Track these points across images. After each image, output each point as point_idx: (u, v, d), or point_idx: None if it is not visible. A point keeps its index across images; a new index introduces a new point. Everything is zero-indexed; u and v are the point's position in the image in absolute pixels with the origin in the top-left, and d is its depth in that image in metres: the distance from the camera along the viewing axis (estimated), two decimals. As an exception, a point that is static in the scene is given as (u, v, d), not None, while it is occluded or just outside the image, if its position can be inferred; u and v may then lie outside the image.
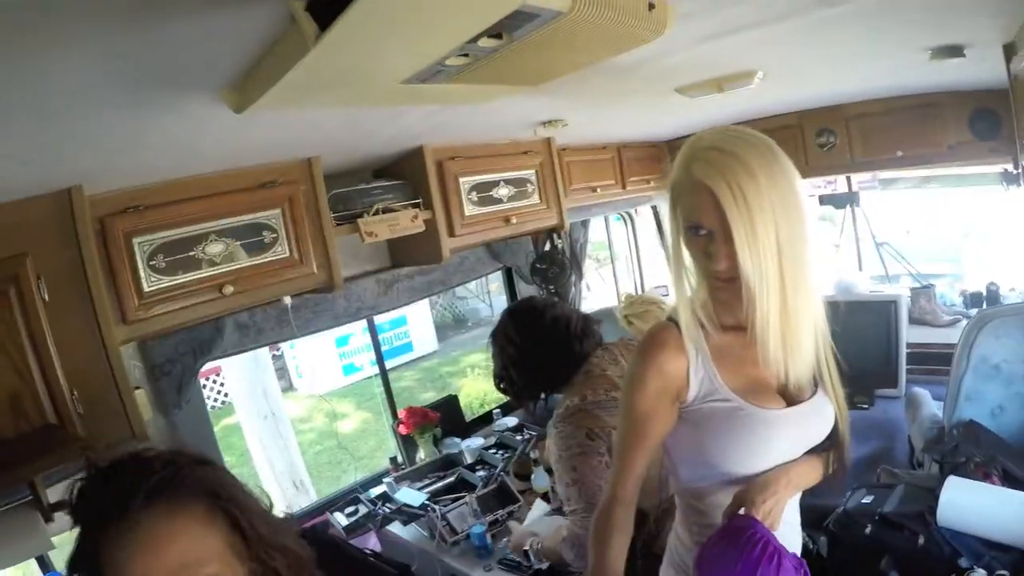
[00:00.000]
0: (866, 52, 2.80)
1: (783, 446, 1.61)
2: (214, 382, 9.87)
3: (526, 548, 2.77)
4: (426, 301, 11.69)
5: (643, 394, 1.57)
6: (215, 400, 9.92)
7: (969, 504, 2.70)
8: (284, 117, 2.04)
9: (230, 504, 1.21)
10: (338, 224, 2.76)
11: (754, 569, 1.42)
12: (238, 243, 2.46)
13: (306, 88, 1.62)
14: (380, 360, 4.15)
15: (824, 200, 5.00)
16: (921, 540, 2.72)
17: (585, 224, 4.81)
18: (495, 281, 10.33)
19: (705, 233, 1.44)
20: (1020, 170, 3.49)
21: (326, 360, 10.31)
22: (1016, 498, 2.65)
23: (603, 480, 2.25)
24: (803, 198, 1.46)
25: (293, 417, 8.47)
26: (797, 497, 1.75)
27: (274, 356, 9.65)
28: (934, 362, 4.27)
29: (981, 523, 2.65)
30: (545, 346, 2.54)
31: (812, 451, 1.69)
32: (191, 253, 2.35)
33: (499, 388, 2.70)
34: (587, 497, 2.29)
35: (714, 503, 1.66)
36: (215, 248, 2.40)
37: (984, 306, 4.76)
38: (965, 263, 6.30)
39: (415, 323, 11.63)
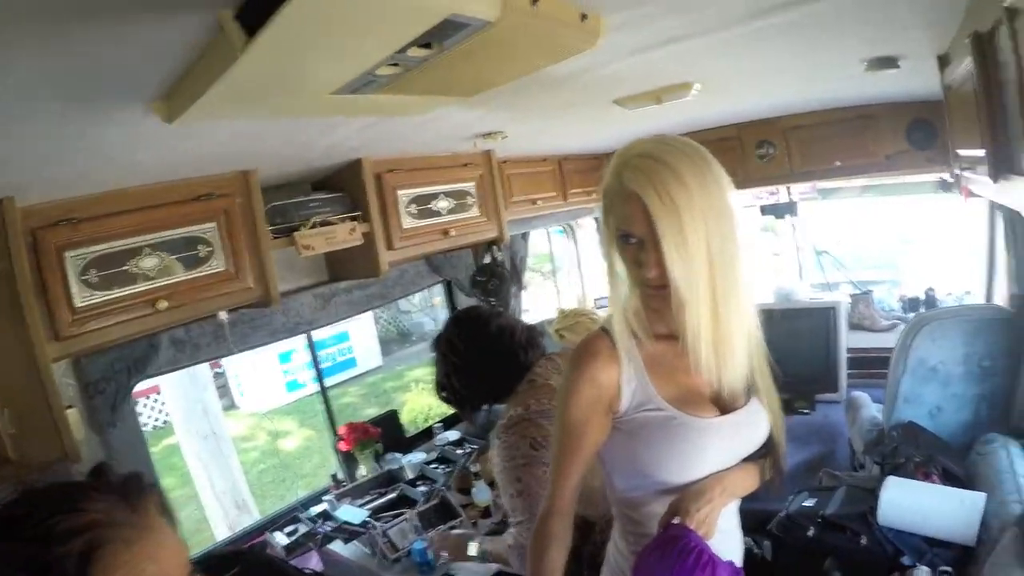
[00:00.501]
0: (802, 63, 2.83)
1: (717, 455, 1.61)
2: (154, 401, 9.64)
3: (471, 553, 2.69)
4: (370, 316, 11.65)
5: (576, 405, 1.57)
6: (155, 420, 9.72)
7: (909, 503, 2.73)
8: (218, 128, 2.01)
9: None
10: (275, 237, 2.72)
11: None
12: (173, 257, 2.41)
13: (236, 98, 1.60)
14: (320, 376, 4.13)
15: (765, 210, 5.05)
16: (863, 540, 2.74)
17: (525, 237, 4.82)
18: (439, 294, 10.27)
19: (636, 241, 1.44)
20: (956, 179, 3.52)
21: (269, 377, 10.16)
22: (955, 496, 2.68)
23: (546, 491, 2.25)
24: (735, 207, 1.46)
25: (235, 436, 8.38)
26: (735, 504, 1.76)
27: (216, 373, 9.50)
28: (873, 366, 4.37)
29: (922, 521, 2.68)
30: (489, 355, 2.51)
31: (748, 458, 1.70)
32: (125, 267, 2.29)
33: (441, 397, 2.64)
34: (531, 508, 2.24)
35: (649, 513, 1.66)
36: (149, 262, 2.35)
37: (922, 310, 4.85)
38: (902, 269, 6.43)
39: (358, 338, 11.53)
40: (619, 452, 1.64)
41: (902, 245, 7.44)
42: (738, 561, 1.84)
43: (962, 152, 2.62)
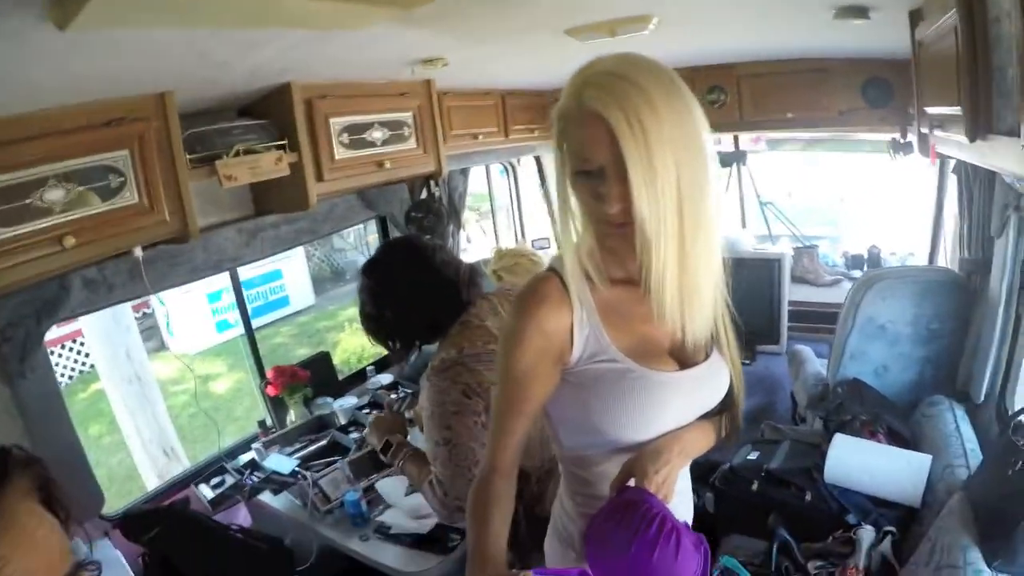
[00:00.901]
0: (769, 3, 2.74)
1: (676, 412, 1.48)
2: (78, 346, 9.29)
3: (390, 444, 2.49)
4: (302, 253, 11.42)
5: (521, 354, 1.41)
6: (81, 365, 9.38)
7: (856, 462, 2.75)
8: (121, 40, 1.79)
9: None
10: (194, 167, 2.49)
11: (651, 549, 1.27)
12: (81, 188, 2.17)
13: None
14: (245, 317, 3.89)
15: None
16: (808, 496, 2.76)
17: (465, 173, 4.66)
18: (372, 232, 10.10)
19: (595, 171, 1.26)
20: (912, 138, 3.60)
21: (198, 317, 9.85)
22: (902, 456, 2.71)
23: (477, 443, 2.15)
24: (707, 140, 1.29)
25: (164, 379, 8.14)
26: (687, 464, 1.63)
27: (144, 315, 9.25)
28: (815, 320, 4.51)
29: (868, 480, 2.71)
30: (429, 288, 2.32)
31: (704, 416, 1.57)
32: (27, 201, 2.04)
33: (367, 330, 2.41)
34: (457, 459, 2.17)
35: (600, 472, 1.52)
36: (55, 195, 2.10)
37: (865, 268, 4.99)
38: (842, 227, 6.51)
39: (291, 277, 11.22)
40: (568, 406, 1.49)
41: (841, 204, 7.53)
42: (688, 522, 1.73)
43: (932, 111, 2.54)
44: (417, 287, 2.32)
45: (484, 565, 1.34)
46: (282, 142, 2.79)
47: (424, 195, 4.12)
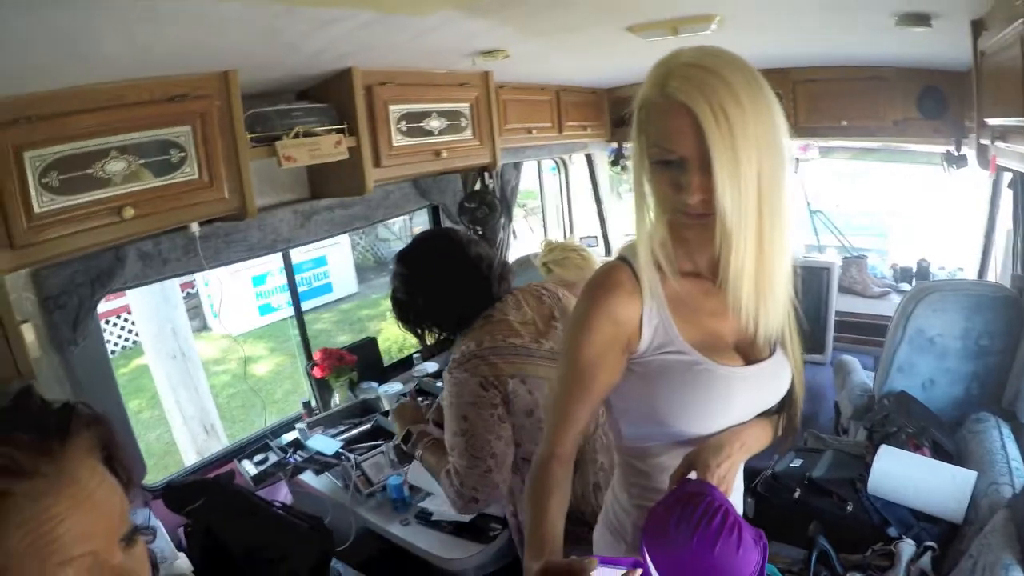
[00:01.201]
0: (831, 9, 2.69)
1: (739, 407, 1.47)
2: (124, 320, 9.43)
3: (411, 434, 2.58)
4: (347, 242, 11.49)
5: (590, 342, 1.40)
6: (125, 340, 9.51)
7: (901, 474, 2.69)
8: (191, 13, 1.80)
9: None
10: (254, 146, 2.52)
11: (713, 542, 1.25)
12: (142, 162, 2.20)
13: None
14: (295, 298, 3.92)
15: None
16: (850, 507, 2.71)
17: (517, 167, 4.68)
18: (419, 224, 10.10)
19: (677, 161, 1.26)
20: (967, 151, 3.56)
21: (242, 299, 9.93)
22: (947, 471, 2.65)
23: (493, 435, 2.20)
24: (786, 137, 1.30)
25: (207, 359, 8.23)
26: (746, 460, 1.62)
27: (188, 295, 9.33)
28: (860, 331, 4.43)
29: (912, 494, 2.66)
30: (462, 280, 2.36)
31: (763, 414, 1.56)
32: (89, 171, 2.08)
33: (398, 316, 2.47)
34: (473, 450, 2.20)
35: (659, 465, 1.52)
36: (116, 166, 2.14)
37: (914, 281, 4.86)
38: (891, 240, 6.39)
39: (335, 264, 11.28)
40: (632, 397, 1.48)
41: (890, 217, 7.43)
42: None
43: (993, 122, 2.49)
44: (448, 278, 2.35)
45: (541, 550, 1.33)
46: (341, 126, 2.80)
47: (478, 187, 4.13)
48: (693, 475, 1.38)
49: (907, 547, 2.49)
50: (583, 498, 2.28)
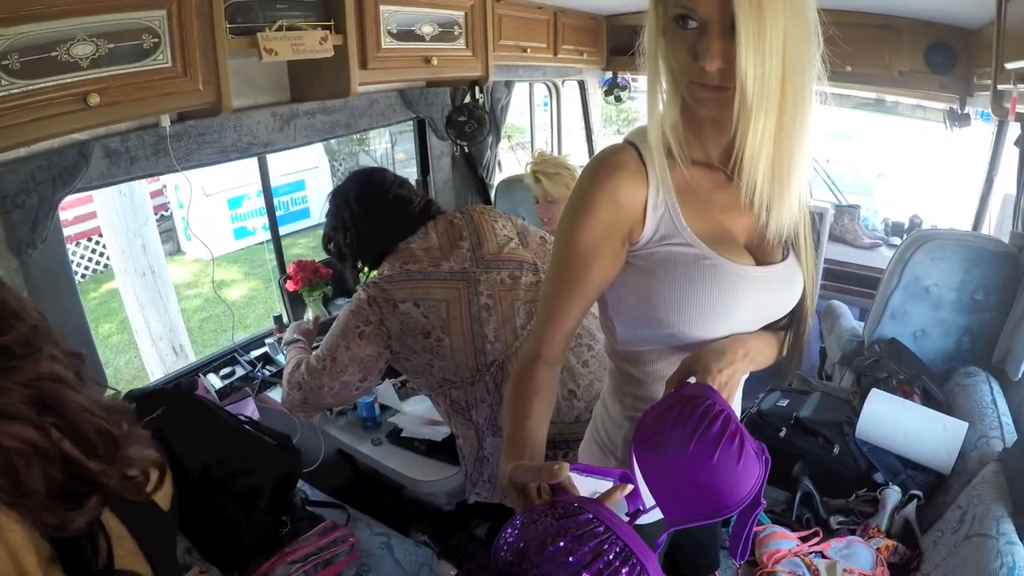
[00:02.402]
0: None
1: (745, 311, 1.36)
2: (96, 243, 9.21)
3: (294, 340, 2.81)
4: (327, 167, 11.33)
5: (588, 224, 1.29)
6: (96, 264, 9.31)
7: (890, 419, 2.66)
8: None
9: None
10: (233, 37, 2.35)
11: (712, 449, 1.12)
12: (111, 46, 2.03)
13: None
14: (271, 213, 3.79)
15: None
16: (836, 450, 2.69)
17: (509, 86, 4.58)
18: (401, 150, 9.94)
19: (696, 26, 1.14)
20: (970, 110, 3.74)
21: (217, 222, 9.75)
22: (938, 419, 2.63)
23: (345, 342, 2.37)
24: (814, 15, 1.19)
25: (179, 282, 8.20)
26: (743, 379, 1.51)
27: (161, 217, 9.16)
28: (848, 281, 4.50)
29: (901, 440, 2.63)
30: (379, 221, 2.52)
31: (769, 326, 1.45)
32: (53, 54, 1.90)
33: (325, 248, 2.69)
34: (325, 349, 2.42)
35: (655, 372, 1.43)
36: (83, 49, 1.96)
37: (905, 237, 4.84)
38: (878, 200, 6.42)
39: (313, 188, 11.04)
40: (630, 293, 1.38)
41: (878, 178, 7.44)
42: None
43: (1013, 65, 2.44)
44: (366, 218, 2.53)
45: (521, 453, 1.22)
46: (328, 23, 2.66)
47: (468, 100, 4.02)
48: (692, 381, 1.26)
49: (893, 494, 2.47)
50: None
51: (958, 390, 2.93)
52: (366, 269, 2.58)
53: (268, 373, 3.21)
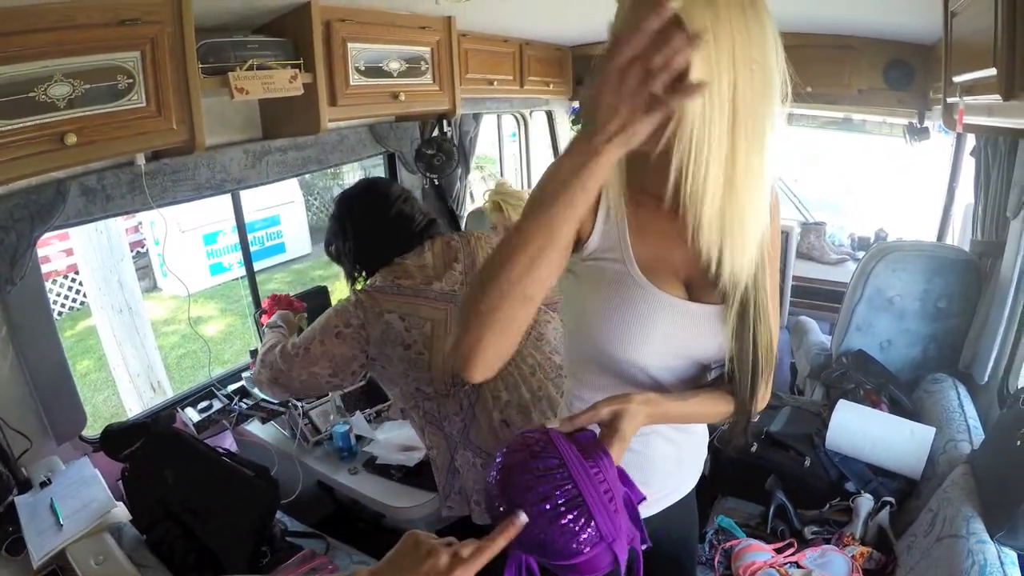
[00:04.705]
0: None
1: (667, 341, 1.36)
2: (72, 281, 9.17)
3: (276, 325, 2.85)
4: (301, 201, 11.34)
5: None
6: (72, 301, 9.24)
7: (858, 428, 2.72)
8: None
9: None
10: (206, 76, 2.41)
11: (554, 532, 1.08)
12: (87, 87, 2.08)
13: None
14: (245, 249, 3.80)
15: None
16: (807, 462, 2.73)
17: (477, 118, 4.62)
18: (376, 182, 9.95)
19: None
20: (929, 124, 3.84)
21: (193, 258, 9.72)
22: (905, 426, 2.69)
23: (322, 338, 2.39)
24: (777, 58, 1.16)
25: (156, 319, 8.15)
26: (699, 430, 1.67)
27: (138, 253, 9.12)
28: (817, 297, 4.54)
29: (869, 449, 2.70)
30: (381, 233, 2.53)
31: (714, 383, 1.47)
32: (31, 94, 1.95)
33: (329, 254, 2.68)
34: (304, 341, 2.42)
35: (590, 383, 1.49)
36: (60, 90, 2.01)
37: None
38: (848, 217, 6.49)
39: (289, 223, 11.10)
40: (568, 301, 1.44)
41: (848, 195, 7.52)
42: (685, 491, 1.73)
43: (961, 78, 2.48)
44: (368, 229, 2.53)
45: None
46: (297, 61, 2.71)
47: (436, 133, 4.04)
48: (554, 423, 1.21)
49: (865, 502, 2.51)
50: (490, 432, 2.36)
51: (926, 396, 3.00)
52: (364, 275, 2.58)
53: (245, 406, 3.20)
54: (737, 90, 1.10)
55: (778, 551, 2.42)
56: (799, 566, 2.35)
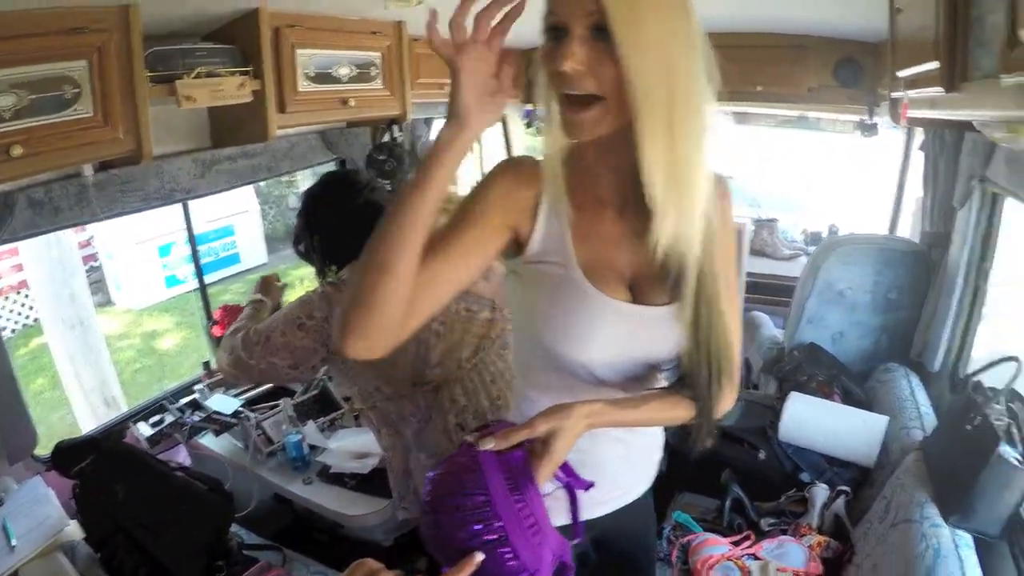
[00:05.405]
0: None
1: (613, 343, 1.37)
2: (22, 297, 9.01)
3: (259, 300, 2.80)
4: (257, 211, 11.26)
5: (482, 195, 1.30)
6: (24, 318, 9.09)
7: (811, 420, 2.75)
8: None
9: None
10: (153, 85, 2.38)
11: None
12: (33, 97, 2.04)
13: None
14: (196, 259, 3.79)
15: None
16: (762, 455, 2.76)
17: (428, 123, 4.61)
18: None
19: (560, 28, 1.14)
20: (879, 120, 3.82)
21: (148, 271, 9.61)
22: (858, 415, 2.72)
23: (281, 327, 2.39)
24: (700, 31, 1.17)
25: (110, 333, 8.07)
26: (654, 433, 1.67)
27: (91, 268, 9.00)
28: (770, 292, 4.60)
29: (823, 439, 2.72)
30: (347, 225, 2.46)
31: (670, 388, 1.45)
32: (-27, 107, 1.91)
33: (295, 248, 2.65)
34: (266, 328, 2.42)
35: (537, 384, 1.50)
36: (5, 101, 1.98)
37: None
38: (808, 211, 6.58)
39: (243, 234, 11.00)
40: (515, 304, 1.47)
41: (807, 192, 7.62)
42: (638, 492, 1.72)
43: (905, 73, 2.52)
44: (335, 221, 2.49)
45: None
46: (246, 68, 2.69)
47: (387, 138, 4.05)
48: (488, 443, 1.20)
49: (820, 491, 2.53)
50: (444, 435, 2.37)
51: (878, 386, 3.05)
52: (335, 270, 2.53)
53: (198, 419, 3.19)
54: (672, 56, 1.12)
55: (735, 544, 2.44)
56: (757, 558, 2.37)
